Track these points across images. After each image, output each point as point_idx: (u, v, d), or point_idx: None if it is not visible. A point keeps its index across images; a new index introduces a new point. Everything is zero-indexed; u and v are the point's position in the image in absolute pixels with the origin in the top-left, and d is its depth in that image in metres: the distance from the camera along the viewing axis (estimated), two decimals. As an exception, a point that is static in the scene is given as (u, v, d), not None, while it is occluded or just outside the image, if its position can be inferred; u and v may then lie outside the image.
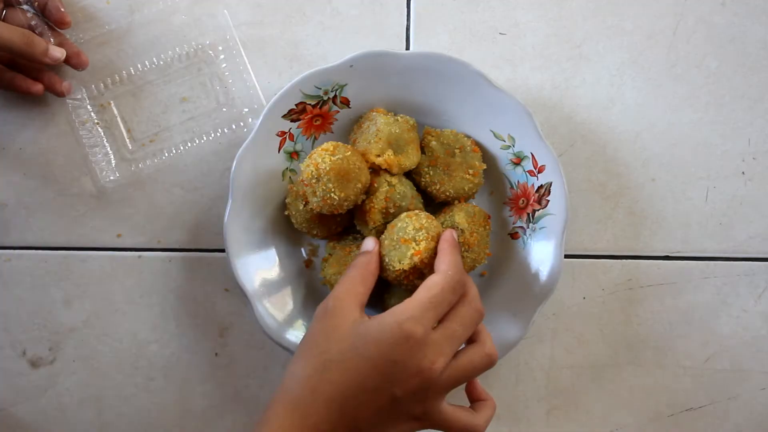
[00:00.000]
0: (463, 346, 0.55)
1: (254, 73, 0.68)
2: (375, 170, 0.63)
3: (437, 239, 0.58)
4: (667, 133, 0.70)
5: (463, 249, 0.63)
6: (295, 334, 0.65)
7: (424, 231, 0.58)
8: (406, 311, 0.51)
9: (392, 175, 0.63)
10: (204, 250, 0.69)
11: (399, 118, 0.64)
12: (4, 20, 0.65)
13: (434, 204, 0.66)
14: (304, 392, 0.51)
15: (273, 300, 0.65)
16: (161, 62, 0.68)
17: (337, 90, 0.65)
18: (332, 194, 0.59)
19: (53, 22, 0.66)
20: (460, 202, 0.66)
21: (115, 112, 0.69)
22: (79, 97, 0.68)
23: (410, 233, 0.58)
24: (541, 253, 0.65)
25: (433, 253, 0.57)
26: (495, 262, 0.67)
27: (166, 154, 0.68)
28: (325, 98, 0.65)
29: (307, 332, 0.54)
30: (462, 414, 0.54)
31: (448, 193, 0.65)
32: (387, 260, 0.58)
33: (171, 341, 0.69)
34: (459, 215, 0.64)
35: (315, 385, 0.51)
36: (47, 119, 0.69)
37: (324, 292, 0.67)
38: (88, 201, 0.69)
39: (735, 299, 0.69)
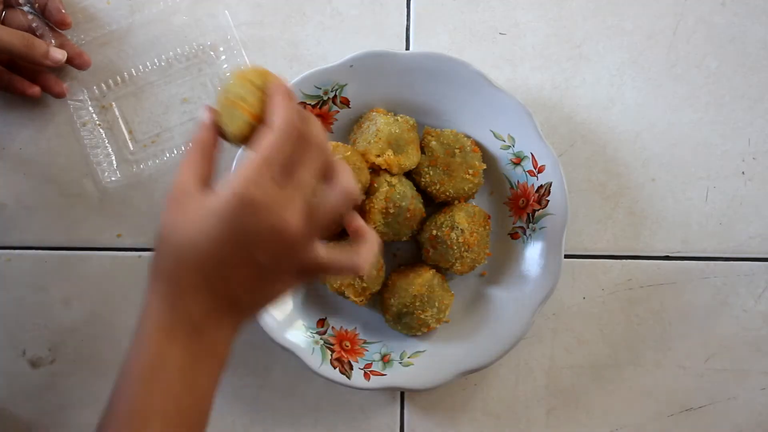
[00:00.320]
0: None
1: (254, 73, 0.68)
2: (375, 170, 0.63)
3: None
4: (667, 133, 0.70)
5: (463, 249, 0.63)
6: (295, 334, 0.65)
7: (253, 88, 0.52)
8: (239, 177, 0.48)
9: (392, 175, 0.63)
10: (204, 250, 0.69)
11: (399, 118, 0.64)
12: (3, 21, 0.65)
13: (434, 204, 0.66)
14: (169, 286, 0.49)
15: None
16: (162, 63, 0.68)
17: (337, 90, 0.65)
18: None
19: (54, 24, 0.66)
20: (460, 202, 0.66)
21: (117, 113, 0.69)
22: (80, 98, 0.68)
23: (239, 93, 0.52)
24: (541, 253, 0.65)
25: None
26: (495, 262, 0.67)
27: (168, 155, 0.68)
28: (325, 98, 0.65)
29: (158, 226, 0.51)
30: (338, 253, 0.52)
31: (448, 193, 0.65)
32: (225, 128, 0.53)
33: (171, 341, 0.69)
34: (459, 215, 0.64)
35: (176, 276, 0.49)
36: (47, 119, 0.69)
37: (324, 291, 0.67)
38: (88, 201, 0.69)
39: (735, 299, 0.69)
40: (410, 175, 0.66)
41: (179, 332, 0.49)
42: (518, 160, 0.66)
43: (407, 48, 0.70)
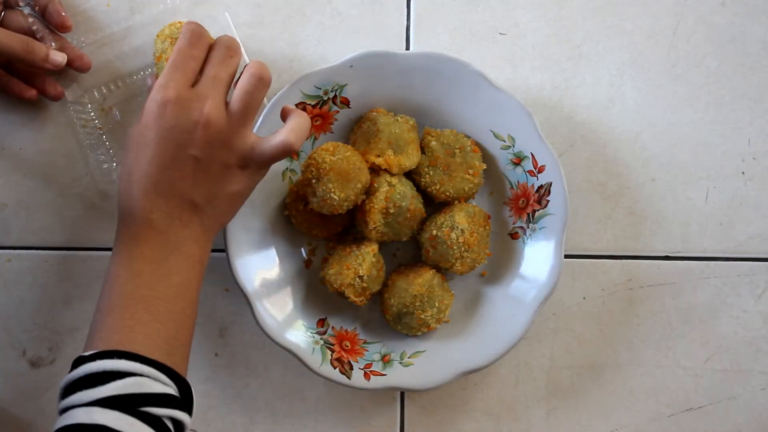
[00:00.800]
0: None
1: (254, 73, 0.68)
2: (375, 170, 0.63)
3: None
4: (667, 133, 0.70)
5: (463, 249, 0.63)
6: (295, 334, 0.65)
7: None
8: (155, 86, 0.55)
9: (392, 175, 0.63)
10: (204, 250, 0.69)
11: (399, 118, 0.64)
12: (3, 22, 0.65)
13: (434, 204, 0.66)
14: (128, 201, 0.55)
15: (273, 300, 0.65)
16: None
17: (337, 90, 0.65)
18: (332, 194, 0.59)
19: (54, 26, 0.66)
20: (460, 202, 0.66)
21: (117, 115, 0.69)
22: (80, 100, 0.68)
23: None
24: (541, 253, 0.65)
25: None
26: (495, 262, 0.67)
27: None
28: (325, 98, 0.65)
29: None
30: (272, 136, 0.56)
31: (448, 193, 0.65)
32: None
33: (171, 341, 0.69)
34: (459, 215, 0.64)
35: (130, 192, 0.55)
36: (48, 120, 0.69)
37: (324, 292, 0.67)
38: (88, 201, 0.69)
39: (735, 299, 0.69)
40: (410, 175, 0.66)
41: (146, 235, 0.54)
42: (518, 160, 0.66)
43: (407, 48, 0.70)
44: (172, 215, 0.55)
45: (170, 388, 0.51)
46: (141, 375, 0.49)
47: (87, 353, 0.51)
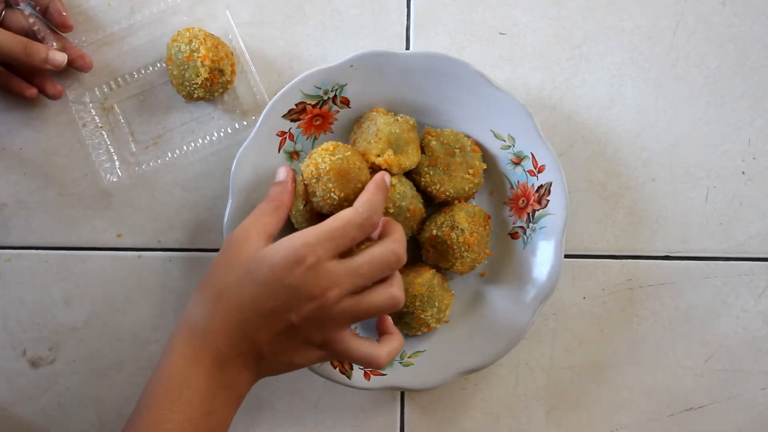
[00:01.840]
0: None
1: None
2: (375, 170, 0.63)
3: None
4: (667, 133, 0.70)
5: (463, 249, 0.63)
6: (295, 334, 0.65)
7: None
8: (303, 237, 0.51)
9: (392, 175, 0.63)
10: (204, 250, 0.69)
11: (399, 118, 0.64)
12: (3, 21, 0.65)
13: (434, 204, 0.66)
14: (204, 319, 0.52)
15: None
16: (163, 64, 0.68)
17: (337, 90, 0.65)
18: (332, 194, 0.59)
19: (55, 26, 0.66)
20: (460, 202, 0.66)
21: (119, 115, 0.69)
22: (82, 100, 0.68)
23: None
24: (541, 253, 0.65)
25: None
26: (495, 262, 0.67)
27: (169, 156, 0.68)
28: (325, 98, 0.65)
29: (212, 263, 0.55)
30: (364, 344, 0.54)
31: (448, 193, 0.65)
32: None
33: (171, 341, 0.69)
34: (459, 215, 0.64)
35: (213, 311, 0.52)
36: (48, 119, 0.69)
37: (324, 292, 0.67)
38: (88, 201, 0.69)
39: (735, 299, 0.69)
40: (410, 175, 0.66)
41: (206, 360, 0.52)
42: (518, 160, 0.66)
43: (407, 48, 0.70)
44: (238, 355, 0.52)
45: None
46: None
47: None
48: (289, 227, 0.67)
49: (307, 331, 0.52)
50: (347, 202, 0.60)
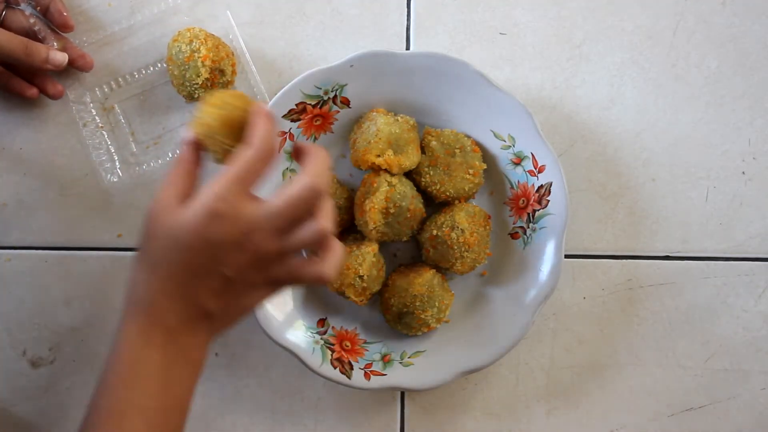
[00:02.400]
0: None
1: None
2: (375, 170, 0.63)
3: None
4: (667, 133, 0.70)
5: (463, 249, 0.63)
6: (295, 334, 0.65)
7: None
8: (210, 190, 0.50)
9: (392, 175, 0.63)
10: (204, 250, 0.69)
11: (399, 118, 0.64)
12: (3, 21, 0.65)
13: (434, 204, 0.66)
14: (146, 295, 0.52)
15: (273, 300, 0.65)
16: (164, 64, 0.68)
17: (337, 90, 0.65)
18: (226, 146, 0.57)
19: (56, 26, 0.66)
20: (460, 202, 0.66)
21: (119, 115, 0.69)
22: (82, 99, 0.68)
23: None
24: (541, 253, 0.65)
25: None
26: (495, 262, 0.67)
27: (170, 156, 0.68)
28: (325, 98, 0.65)
29: (139, 239, 0.54)
30: (306, 267, 0.52)
31: (448, 193, 0.65)
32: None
33: (171, 341, 0.69)
34: (459, 215, 0.64)
35: (149, 285, 0.51)
36: (48, 119, 0.69)
37: (324, 291, 0.67)
38: (88, 201, 0.69)
39: (735, 299, 0.69)
40: (410, 175, 0.66)
41: (156, 336, 0.51)
42: (518, 160, 0.66)
43: (407, 48, 0.70)
44: (186, 321, 0.52)
45: None
46: None
47: None
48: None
49: (246, 277, 0.52)
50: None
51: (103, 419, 0.50)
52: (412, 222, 0.64)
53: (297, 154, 0.54)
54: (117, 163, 0.68)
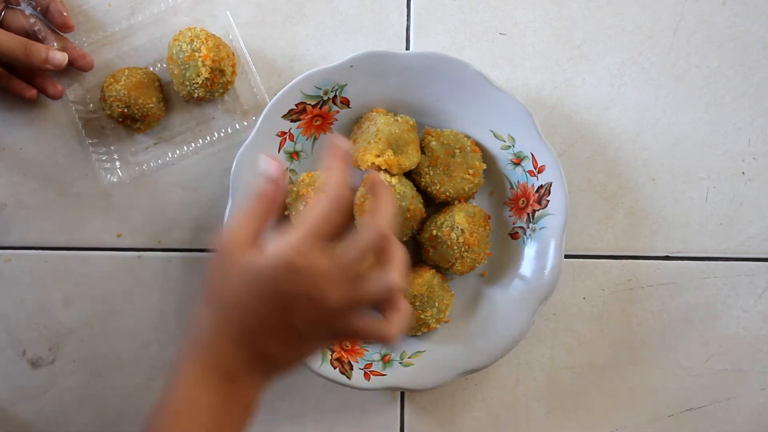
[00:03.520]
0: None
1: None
2: (375, 170, 0.63)
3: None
4: (667, 133, 0.70)
5: (463, 249, 0.63)
6: (295, 334, 0.65)
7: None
8: (286, 242, 0.50)
9: (392, 175, 0.63)
10: (204, 250, 0.69)
11: (399, 118, 0.64)
12: (3, 21, 0.65)
13: (434, 204, 0.66)
14: (210, 336, 0.51)
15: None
16: (164, 64, 0.68)
17: (337, 90, 0.65)
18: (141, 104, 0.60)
19: (56, 26, 0.66)
20: (460, 202, 0.66)
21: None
22: (82, 99, 0.68)
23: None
24: (541, 253, 0.65)
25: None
26: (495, 262, 0.67)
27: (169, 155, 0.68)
28: (325, 98, 0.65)
29: (207, 273, 0.53)
30: (371, 325, 0.52)
31: (448, 193, 0.65)
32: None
33: (171, 341, 0.69)
34: (459, 215, 0.64)
35: (217, 327, 0.51)
36: (48, 120, 0.69)
37: (324, 292, 0.67)
38: (88, 201, 0.69)
39: (735, 299, 0.69)
40: (410, 175, 0.66)
41: (213, 378, 0.51)
42: (518, 160, 0.66)
43: (407, 48, 0.70)
44: (246, 365, 0.51)
45: None
46: None
47: None
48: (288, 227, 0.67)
49: (313, 329, 0.51)
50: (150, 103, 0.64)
51: None
52: (412, 222, 0.64)
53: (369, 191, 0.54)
54: (117, 163, 0.68)
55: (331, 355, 0.65)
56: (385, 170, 0.63)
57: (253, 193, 0.54)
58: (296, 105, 0.64)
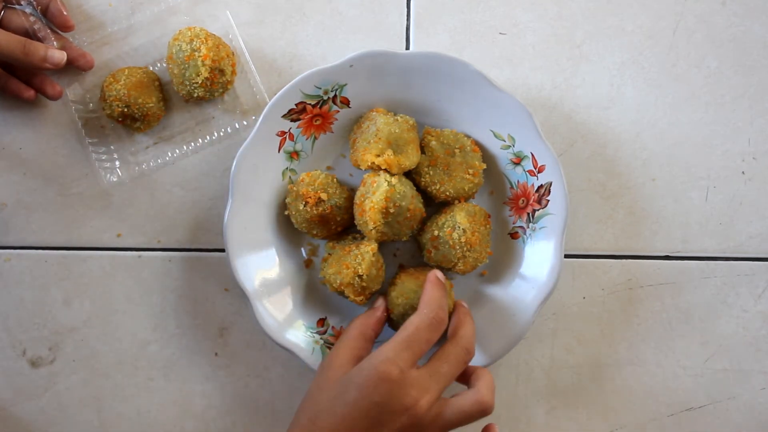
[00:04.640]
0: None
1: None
2: (375, 170, 0.63)
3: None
4: (667, 133, 0.70)
5: (465, 248, 0.63)
6: (295, 334, 0.65)
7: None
8: (381, 353, 0.54)
9: (392, 175, 0.63)
10: (204, 250, 0.69)
11: (399, 118, 0.64)
12: (2, 21, 0.65)
13: (434, 204, 0.66)
14: None
15: (273, 300, 0.65)
16: (164, 64, 0.68)
17: (337, 90, 0.65)
18: (141, 104, 0.61)
19: (56, 26, 0.66)
20: (460, 201, 0.66)
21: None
22: (82, 99, 0.68)
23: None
24: (541, 253, 0.65)
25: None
26: (495, 262, 0.67)
27: (169, 155, 0.68)
28: (325, 98, 0.65)
29: (309, 387, 0.57)
30: (463, 402, 0.55)
31: (448, 193, 0.65)
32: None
33: (171, 341, 0.69)
34: (460, 215, 0.64)
35: (309, 428, 0.53)
36: (48, 119, 0.69)
37: (324, 291, 0.67)
38: (88, 201, 0.69)
39: (735, 299, 0.69)
40: (410, 175, 0.66)
41: None
42: (518, 160, 0.66)
43: (407, 48, 0.70)
44: None
45: None
46: None
47: None
48: (288, 227, 0.67)
49: None
50: (150, 102, 0.65)
51: None
52: (411, 222, 0.64)
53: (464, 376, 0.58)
54: (117, 163, 0.68)
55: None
56: (385, 170, 0.63)
57: (358, 319, 0.60)
58: (296, 105, 0.64)
